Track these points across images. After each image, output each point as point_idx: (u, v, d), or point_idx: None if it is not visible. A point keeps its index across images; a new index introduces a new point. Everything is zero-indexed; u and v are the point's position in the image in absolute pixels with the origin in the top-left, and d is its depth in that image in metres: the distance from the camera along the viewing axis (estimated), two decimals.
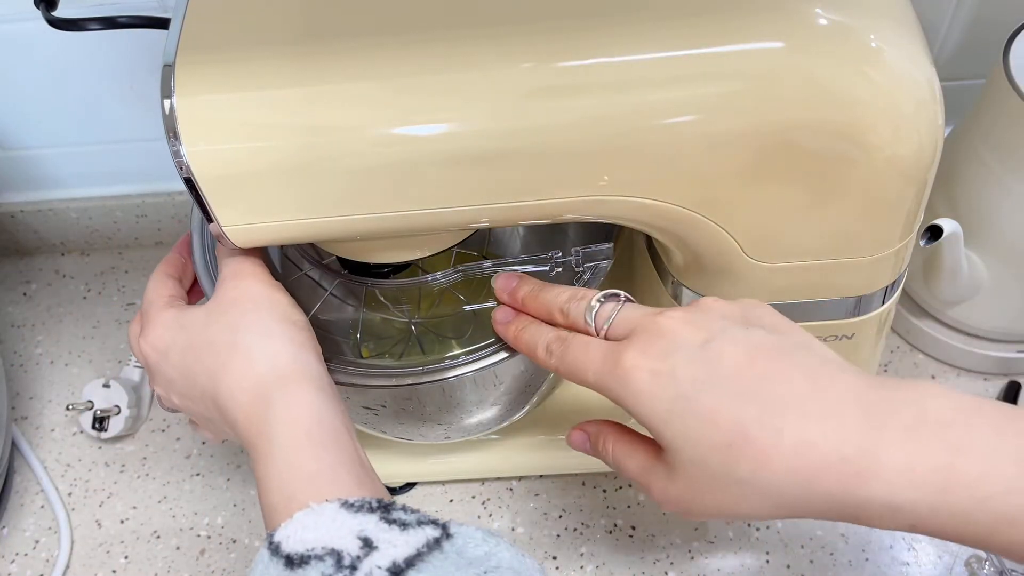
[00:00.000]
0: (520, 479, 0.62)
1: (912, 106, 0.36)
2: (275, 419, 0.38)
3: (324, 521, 0.34)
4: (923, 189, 0.39)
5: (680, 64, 0.35)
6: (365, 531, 0.34)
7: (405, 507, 0.37)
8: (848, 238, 0.40)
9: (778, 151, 0.36)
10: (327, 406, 0.39)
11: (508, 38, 0.36)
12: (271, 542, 0.35)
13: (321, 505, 0.35)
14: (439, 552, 0.34)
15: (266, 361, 0.40)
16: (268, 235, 0.39)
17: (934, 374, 0.64)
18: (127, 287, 0.76)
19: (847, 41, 0.35)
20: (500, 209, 0.38)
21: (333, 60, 0.36)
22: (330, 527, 0.34)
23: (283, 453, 0.37)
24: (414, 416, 0.49)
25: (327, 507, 0.35)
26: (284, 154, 0.36)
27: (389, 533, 0.34)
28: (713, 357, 0.35)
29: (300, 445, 0.38)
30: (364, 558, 0.34)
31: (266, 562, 0.34)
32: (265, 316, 0.41)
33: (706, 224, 0.39)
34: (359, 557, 0.34)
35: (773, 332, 0.36)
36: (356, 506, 0.35)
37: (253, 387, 0.39)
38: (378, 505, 0.36)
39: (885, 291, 0.44)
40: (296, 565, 0.34)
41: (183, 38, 0.36)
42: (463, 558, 0.34)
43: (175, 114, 0.35)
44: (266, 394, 0.39)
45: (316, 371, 0.40)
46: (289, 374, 0.39)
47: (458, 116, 0.36)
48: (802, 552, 0.57)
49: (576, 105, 0.36)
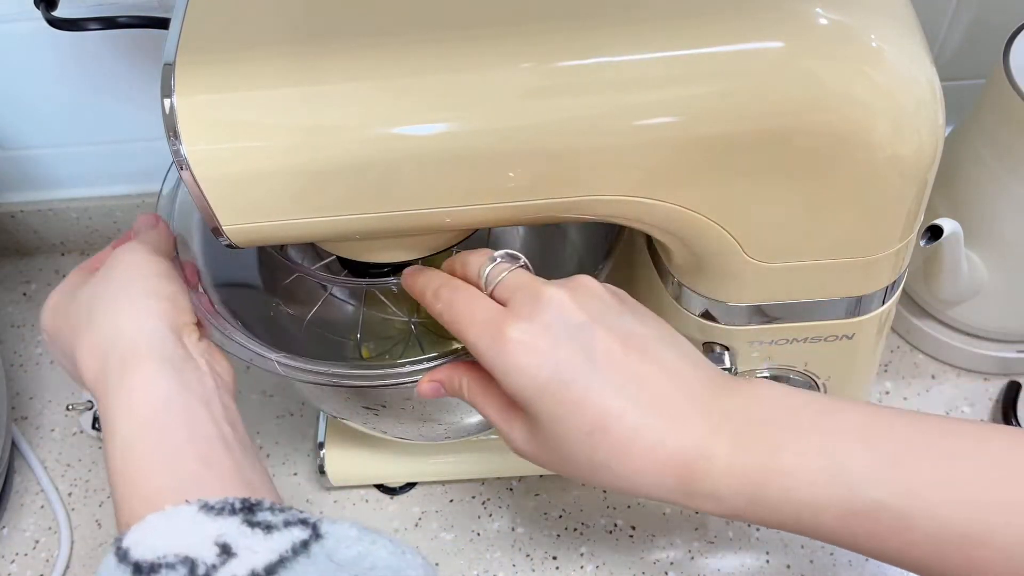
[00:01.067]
0: (520, 479, 0.62)
1: (912, 106, 0.36)
2: (113, 403, 0.37)
3: (179, 525, 0.33)
4: (923, 189, 0.39)
5: (679, 64, 0.35)
6: (224, 536, 0.33)
7: (274, 506, 0.35)
8: (848, 238, 0.40)
9: (778, 151, 0.36)
10: (179, 389, 0.37)
11: (508, 38, 0.36)
12: (119, 547, 0.33)
13: (177, 508, 0.33)
14: (305, 556, 0.33)
15: (110, 337, 0.38)
16: (267, 235, 0.39)
17: (934, 374, 0.64)
18: None
19: (847, 41, 0.35)
20: (501, 209, 0.38)
21: (333, 60, 0.36)
22: (185, 532, 0.32)
23: (121, 442, 0.36)
24: (414, 416, 0.49)
25: (183, 510, 0.33)
26: (284, 154, 0.36)
27: (251, 538, 0.33)
28: (590, 341, 0.36)
29: (138, 434, 0.36)
30: (220, 567, 0.32)
31: (112, 568, 0.32)
32: (128, 287, 0.40)
33: (706, 224, 0.39)
34: (215, 566, 0.32)
35: (641, 322, 0.38)
36: (216, 508, 0.33)
37: (98, 364, 0.38)
38: (241, 506, 0.34)
39: (885, 291, 0.44)
40: (145, 574, 0.32)
41: (183, 37, 0.36)
42: (333, 561, 0.33)
43: (175, 113, 0.35)
44: (106, 375, 0.37)
45: (170, 349, 0.38)
46: (134, 353, 0.38)
47: (457, 116, 0.36)
48: (802, 552, 0.57)
49: (575, 105, 0.35)
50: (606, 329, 0.37)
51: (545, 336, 0.36)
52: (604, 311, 0.37)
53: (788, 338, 0.46)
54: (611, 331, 0.37)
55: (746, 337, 0.46)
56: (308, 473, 0.63)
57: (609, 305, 0.38)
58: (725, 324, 0.45)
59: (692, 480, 0.36)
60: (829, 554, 0.57)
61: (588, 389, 0.36)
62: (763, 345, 0.46)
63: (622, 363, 0.36)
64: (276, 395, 0.68)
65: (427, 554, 0.59)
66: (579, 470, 0.37)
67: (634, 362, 0.36)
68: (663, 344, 0.38)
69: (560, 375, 0.36)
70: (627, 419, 0.36)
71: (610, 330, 0.37)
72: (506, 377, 0.36)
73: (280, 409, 0.67)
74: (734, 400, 0.37)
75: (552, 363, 0.36)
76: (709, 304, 0.45)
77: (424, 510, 0.61)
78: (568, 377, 0.36)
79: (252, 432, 0.65)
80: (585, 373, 0.36)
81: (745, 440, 0.36)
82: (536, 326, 0.36)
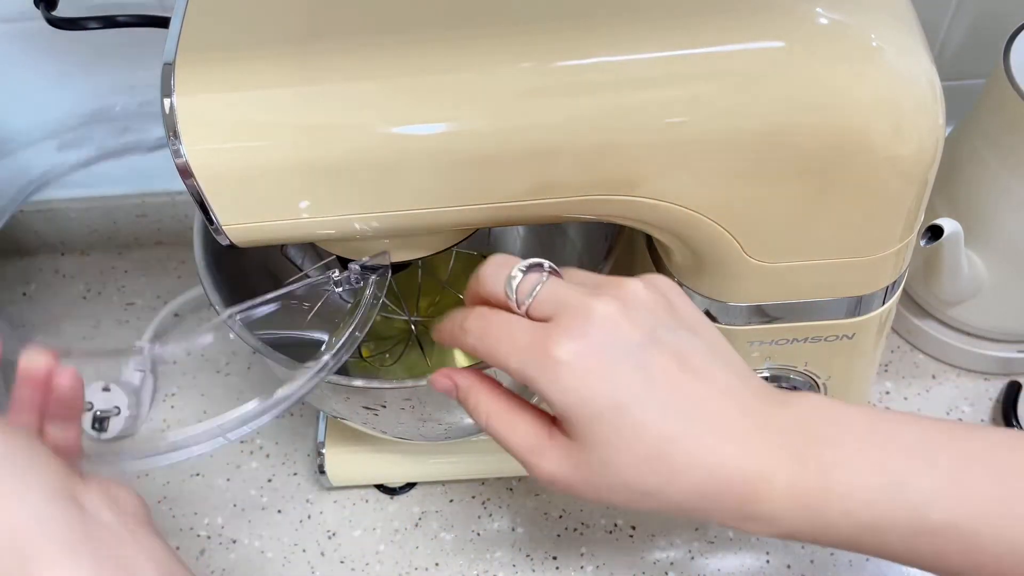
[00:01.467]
0: (520, 479, 0.62)
1: (913, 106, 0.36)
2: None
3: None
4: (924, 189, 0.39)
5: (679, 63, 0.35)
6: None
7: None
8: (849, 238, 0.40)
9: (778, 151, 0.36)
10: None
11: (508, 38, 0.36)
12: None
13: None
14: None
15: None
16: (267, 234, 0.39)
17: (934, 374, 0.64)
18: (127, 287, 0.76)
19: (847, 40, 0.35)
20: (501, 209, 0.38)
21: (334, 59, 0.36)
22: None
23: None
24: (414, 416, 0.49)
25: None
26: (284, 153, 0.36)
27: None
28: (646, 362, 0.34)
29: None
30: None
31: None
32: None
33: (706, 224, 0.39)
34: None
35: (693, 332, 0.36)
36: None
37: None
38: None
39: (886, 291, 0.44)
40: None
41: (183, 37, 0.36)
42: None
43: (175, 113, 0.35)
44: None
45: (73, 526, 0.33)
46: (33, 547, 0.32)
47: (458, 116, 0.36)
48: (803, 552, 0.57)
49: (575, 105, 0.35)
50: (661, 347, 0.35)
51: (599, 358, 0.34)
52: (657, 325, 0.35)
53: (788, 338, 0.46)
54: (666, 349, 0.35)
55: (746, 337, 0.46)
56: (308, 473, 0.63)
57: (662, 318, 0.36)
58: (725, 324, 0.45)
59: (751, 503, 0.34)
60: (829, 554, 0.57)
61: (646, 413, 0.34)
62: (763, 345, 0.46)
63: (679, 384, 0.34)
64: None
65: (427, 554, 0.59)
66: (624, 496, 0.35)
67: (689, 381, 0.35)
68: (715, 357, 0.36)
69: (617, 399, 0.34)
70: (686, 443, 0.34)
71: (665, 348, 0.35)
72: (561, 402, 0.34)
73: None
74: (787, 415, 0.35)
75: (609, 387, 0.34)
76: (709, 304, 0.45)
77: (424, 510, 0.61)
78: (625, 401, 0.34)
79: (253, 432, 0.65)
80: (643, 397, 0.34)
81: (803, 459, 0.34)
82: (588, 347, 0.34)
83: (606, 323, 0.34)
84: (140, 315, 0.74)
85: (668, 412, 0.34)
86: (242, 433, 0.41)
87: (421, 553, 0.59)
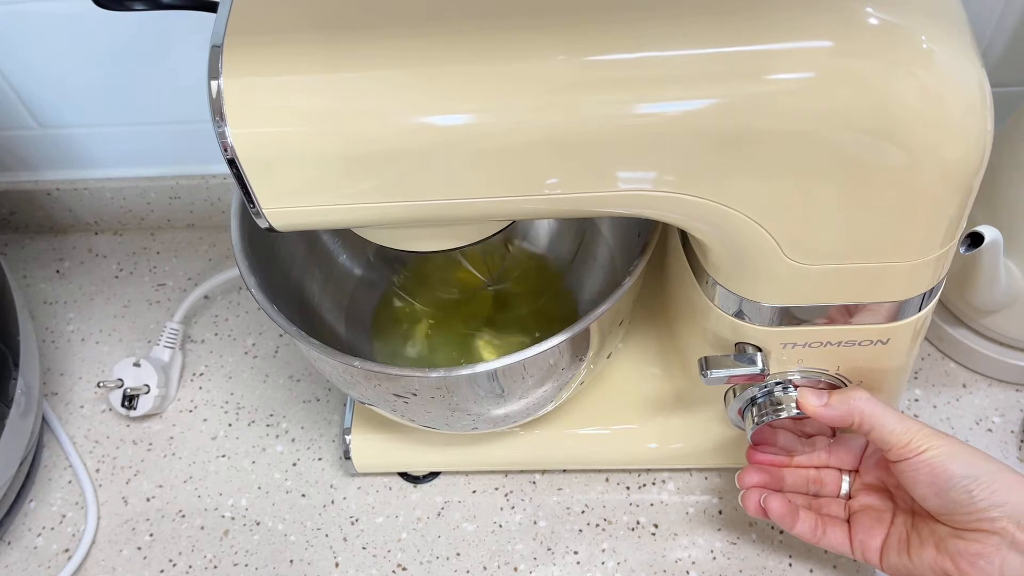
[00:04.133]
0: (543, 472, 0.62)
1: (961, 111, 0.35)
2: None
3: None
4: (968, 195, 0.38)
5: (727, 61, 0.35)
6: None
7: None
8: (889, 242, 0.40)
9: (822, 152, 0.36)
10: None
11: (546, 30, 0.35)
12: None
13: None
14: None
15: None
16: (306, 219, 0.39)
17: (965, 383, 0.64)
18: (158, 268, 0.77)
19: (897, 42, 0.35)
20: (542, 201, 0.38)
21: (382, 46, 0.36)
22: None
23: None
24: (443, 405, 0.49)
25: None
26: (328, 139, 0.36)
27: None
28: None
29: None
30: None
31: None
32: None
33: (747, 223, 0.38)
34: None
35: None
36: None
37: None
38: None
39: (923, 297, 0.43)
40: None
41: (232, 19, 0.36)
42: None
43: (222, 96, 0.35)
44: None
45: None
46: None
47: (503, 107, 0.36)
48: (826, 557, 0.57)
49: (620, 100, 0.35)
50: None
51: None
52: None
53: (822, 341, 0.45)
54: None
55: (780, 338, 0.46)
56: (332, 459, 0.64)
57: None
58: (759, 324, 0.45)
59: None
60: (852, 560, 0.57)
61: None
62: (796, 347, 0.46)
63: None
64: (303, 380, 0.68)
65: (448, 544, 0.59)
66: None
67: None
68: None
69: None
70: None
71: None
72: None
73: (307, 394, 0.67)
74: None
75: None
76: (744, 304, 0.44)
77: (447, 500, 0.61)
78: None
79: (279, 416, 0.66)
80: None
81: None
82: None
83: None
84: (171, 296, 0.75)
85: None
86: None
87: (442, 542, 0.59)
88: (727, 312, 0.46)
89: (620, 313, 0.50)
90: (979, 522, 0.44)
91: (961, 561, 0.45)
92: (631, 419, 0.59)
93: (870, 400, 0.46)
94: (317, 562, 0.59)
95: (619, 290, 0.46)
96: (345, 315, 0.61)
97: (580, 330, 0.45)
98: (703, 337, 0.49)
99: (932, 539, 0.47)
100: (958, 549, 0.45)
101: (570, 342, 0.45)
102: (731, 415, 0.52)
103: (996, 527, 0.44)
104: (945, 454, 0.45)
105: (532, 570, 0.58)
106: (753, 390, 0.49)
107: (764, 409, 0.48)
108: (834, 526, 0.51)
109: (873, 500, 0.51)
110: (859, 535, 0.50)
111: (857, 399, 0.46)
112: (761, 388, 0.49)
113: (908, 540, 0.48)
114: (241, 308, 0.73)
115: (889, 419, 0.46)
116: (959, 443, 0.45)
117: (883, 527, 0.50)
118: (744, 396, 0.50)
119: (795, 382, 0.48)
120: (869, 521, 0.50)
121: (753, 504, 0.51)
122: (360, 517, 0.61)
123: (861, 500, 0.52)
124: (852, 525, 0.51)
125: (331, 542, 0.60)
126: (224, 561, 0.60)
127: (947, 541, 0.46)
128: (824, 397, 0.47)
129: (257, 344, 0.71)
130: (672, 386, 0.58)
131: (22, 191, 0.76)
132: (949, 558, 0.45)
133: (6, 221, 0.79)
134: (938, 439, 0.45)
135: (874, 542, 0.49)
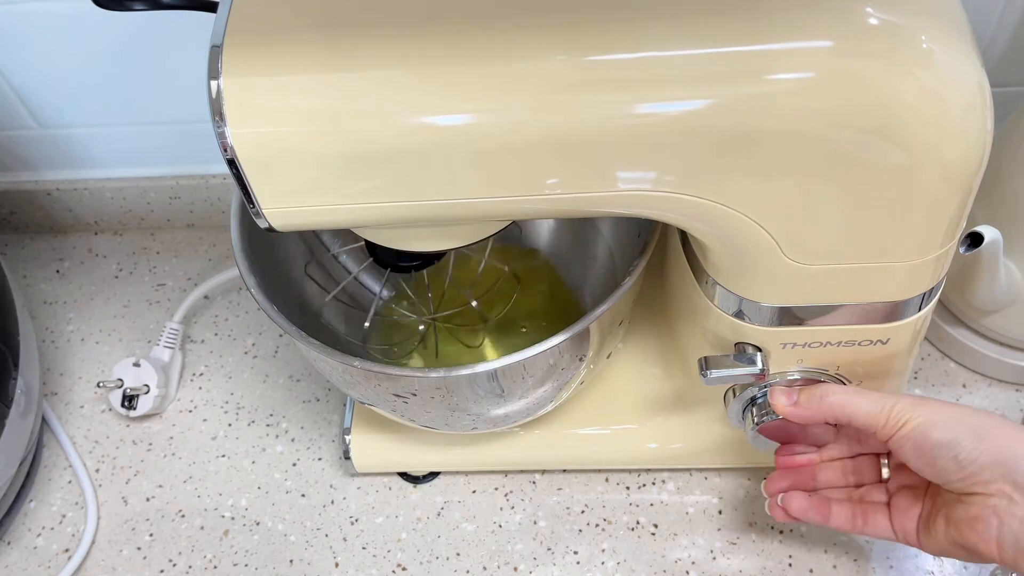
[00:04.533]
0: (543, 472, 0.62)
1: (961, 111, 0.35)
2: None
3: None
4: (968, 195, 0.38)
5: (727, 61, 0.35)
6: None
7: None
8: (889, 242, 0.40)
9: (822, 152, 0.36)
10: None
11: (545, 30, 0.35)
12: None
13: None
14: None
15: None
16: (307, 219, 0.39)
17: (965, 383, 0.64)
18: (158, 268, 0.77)
19: (897, 42, 0.35)
20: (542, 201, 0.38)
21: (382, 46, 0.36)
22: None
23: None
24: (443, 405, 0.49)
25: None
26: (328, 139, 0.36)
27: None
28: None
29: None
30: None
31: None
32: None
33: (747, 223, 0.38)
34: None
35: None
36: None
37: None
38: None
39: (923, 297, 0.43)
40: None
41: (232, 19, 0.36)
42: None
43: (222, 96, 0.35)
44: None
45: None
46: None
47: (504, 107, 0.36)
48: (826, 556, 0.57)
49: (620, 100, 0.35)
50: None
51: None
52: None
53: (822, 341, 0.45)
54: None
55: (779, 338, 0.46)
56: (332, 458, 0.64)
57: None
58: (759, 324, 0.45)
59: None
60: (853, 560, 0.57)
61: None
62: (796, 347, 0.46)
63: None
64: (303, 380, 0.68)
65: (448, 544, 0.59)
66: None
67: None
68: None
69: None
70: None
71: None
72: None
73: (307, 394, 0.68)
74: None
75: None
76: (744, 304, 0.44)
77: (447, 500, 0.61)
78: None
79: (279, 416, 0.66)
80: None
81: None
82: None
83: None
84: (171, 296, 0.75)
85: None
86: None
87: (442, 542, 0.59)
88: (727, 312, 0.46)
89: (620, 313, 0.50)
90: (973, 485, 0.43)
91: (963, 527, 0.43)
92: (631, 419, 0.59)
93: (839, 391, 0.45)
94: (317, 562, 0.59)
95: (619, 290, 0.46)
96: (345, 315, 0.61)
97: (580, 330, 0.45)
98: (703, 337, 0.49)
99: (944, 510, 0.45)
100: (959, 515, 0.43)
101: (570, 342, 0.45)
102: (731, 415, 0.52)
103: (991, 489, 0.42)
104: (924, 423, 0.43)
105: (532, 570, 0.58)
106: (753, 390, 0.49)
107: (764, 409, 0.49)
108: (875, 513, 0.49)
109: (906, 479, 0.49)
110: (898, 517, 0.48)
111: (825, 393, 0.45)
112: (761, 388, 0.49)
113: (931, 515, 0.47)
114: (241, 308, 0.74)
115: (863, 404, 0.44)
116: (940, 406, 0.44)
117: (917, 505, 0.48)
118: (744, 396, 0.50)
119: (795, 381, 0.48)
120: (905, 502, 0.48)
121: (779, 510, 0.50)
122: (360, 517, 0.61)
123: (896, 480, 0.50)
124: (891, 509, 0.49)
125: (331, 542, 0.60)
126: (224, 561, 0.60)
127: (952, 508, 0.44)
128: (794, 395, 0.46)
129: (257, 344, 0.71)
130: (672, 386, 0.58)
131: (22, 191, 0.76)
132: (954, 526, 0.44)
133: (6, 221, 0.79)
134: (918, 408, 0.43)
135: (910, 523, 0.48)
